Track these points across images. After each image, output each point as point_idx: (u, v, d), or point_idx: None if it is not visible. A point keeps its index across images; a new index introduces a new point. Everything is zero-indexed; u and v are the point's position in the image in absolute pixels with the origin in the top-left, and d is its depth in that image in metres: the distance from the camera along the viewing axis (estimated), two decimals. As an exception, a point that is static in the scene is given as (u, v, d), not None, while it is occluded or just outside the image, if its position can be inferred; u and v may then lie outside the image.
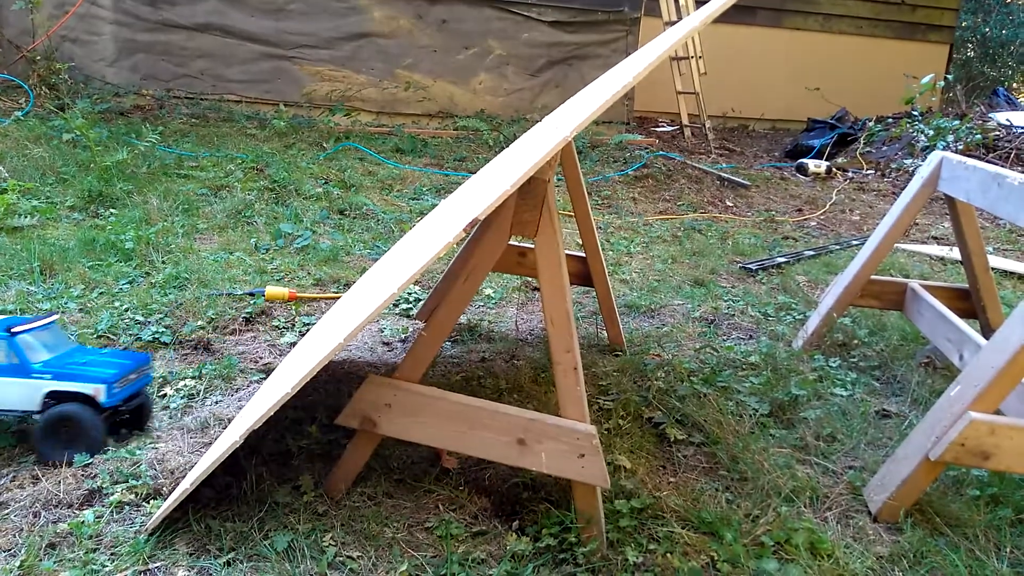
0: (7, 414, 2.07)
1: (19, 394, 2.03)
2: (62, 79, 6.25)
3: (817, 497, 2.12)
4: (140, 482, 1.93)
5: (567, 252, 2.63)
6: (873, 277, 3.05)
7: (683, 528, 1.93)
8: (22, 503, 1.84)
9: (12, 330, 2.03)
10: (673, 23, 7.63)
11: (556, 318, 1.82)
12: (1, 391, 2.02)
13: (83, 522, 1.78)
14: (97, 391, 2.02)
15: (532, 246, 2.92)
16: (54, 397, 2.03)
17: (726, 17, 1.78)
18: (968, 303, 3.03)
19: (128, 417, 2.16)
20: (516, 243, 2.91)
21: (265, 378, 2.55)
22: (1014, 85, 13.41)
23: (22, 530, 1.75)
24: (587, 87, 3.28)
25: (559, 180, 3.52)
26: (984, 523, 2.01)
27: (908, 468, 2.04)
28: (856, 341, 3.18)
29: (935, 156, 2.86)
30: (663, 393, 2.59)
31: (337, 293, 3.34)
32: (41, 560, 1.67)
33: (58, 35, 6.51)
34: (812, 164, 7.16)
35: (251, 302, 3.11)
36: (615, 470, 2.13)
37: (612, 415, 2.44)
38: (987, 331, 2.94)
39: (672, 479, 2.19)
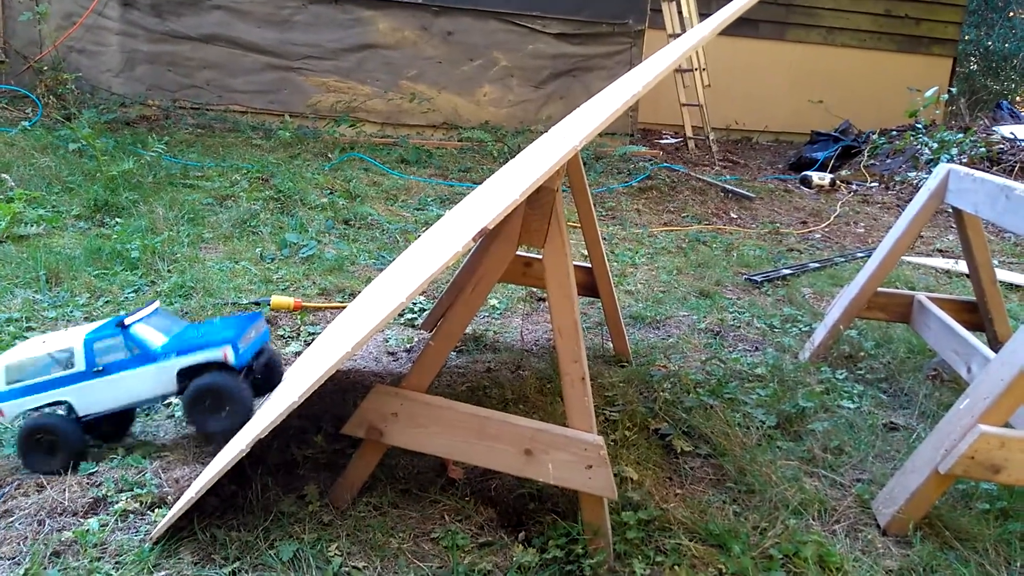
0: (149, 403, 2.05)
1: (152, 381, 2.00)
2: (69, 89, 6.28)
3: (825, 510, 2.10)
4: (145, 490, 1.92)
5: (574, 263, 2.62)
6: (879, 289, 3.04)
7: (691, 540, 1.91)
8: (27, 511, 1.83)
9: (124, 323, 2.01)
10: (677, 35, 7.66)
11: (564, 328, 1.81)
12: (134, 383, 2.00)
13: (88, 530, 1.77)
14: (225, 353, 1.99)
15: (538, 256, 2.93)
16: (186, 375, 2.00)
17: (729, 30, 1.79)
18: (975, 316, 3.02)
19: (261, 378, 2.15)
20: (522, 253, 2.91)
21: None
22: (1017, 99, 13.43)
23: (27, 538, 1.74)
24: (592, 98, 3.29)
25: (564, 191, 3.52)
26: (994, 537, 1.99)
27: (917, 481, 2.02)
28: (863, 353, 3.17)
29: (942, 168, 2.86)
30: (669, 404, 2.58)
31: (342, 303, 3.33)
32: (45, 568, 1.66)
33: (65, 46, 6.55)
34: (816, 176, 7.17)
35: (256, 311, 3.11)
36: (622, 481, 2.11)
37: (618, 426, 2.43)
38: (994, 344, 2.93)
39: (679, 491, 2.18)
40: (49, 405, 2.02)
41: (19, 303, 2.95)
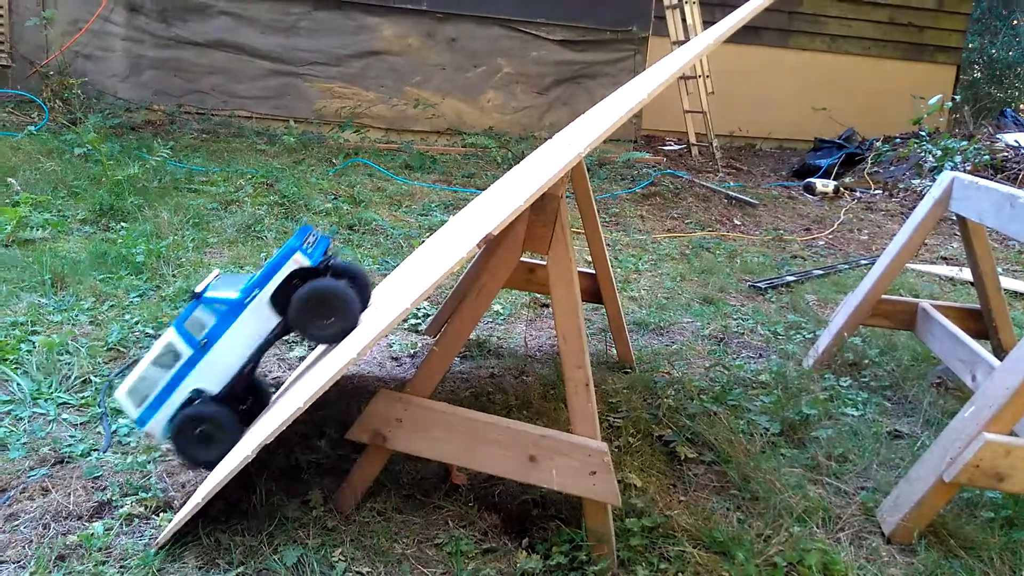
0: (265, 349, 2.03)
1: (254, 324, 1.98)
2: (75, 94, 6.31)
3: (830, 518, 2.10)
4: (150, 494, 1.93)
5: (578, 269, 2.63)
6: (884, 297, 3.04)
7: (695, 548, 1.91)
8: (32, 514, 1.83)
9: (197, 293, 2.00)
10: (681, 43, 7.68)
11: (568, 334, 1.81)
12: (241, 335, 1.98)
13: (93, 534, 1.77)
14: (297, 260, 1.98)
15: (542, 262, 2.93)
16: (277, 301, 1.98)
17: (733, 37, 1.80)
18: (980, 323, 3.02)
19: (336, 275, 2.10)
20: (526, 259, 2.92)
21: (275, 392, 2.55)
22: (1021, 107, 13.42)
23: (31, 542, 1.75)
24: (596, 105, 3.30)
25: (568, 196, 3.53)
26: (999, 546, 1.99)
27: (922, 489, 2.02)
28: (867, 361, 3.17)
29: (946, 176, 2.86)
30: (673, 411, 2.58)
31: (346, 308, 3.33)
32: (50, 572, 1.66)
33: (71, 51, 6.58)
34: (820, 183, 7.17)
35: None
36: (625, 488, 2.11)
37: (622, 433, 2.43)
38: (999, 352, 2.93)
39: (683, 498, 2.17)
40: (184, 404, 2.00)
41: (24, 307, 2.96)
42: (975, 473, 1.94)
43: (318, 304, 1.95)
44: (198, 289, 2.00)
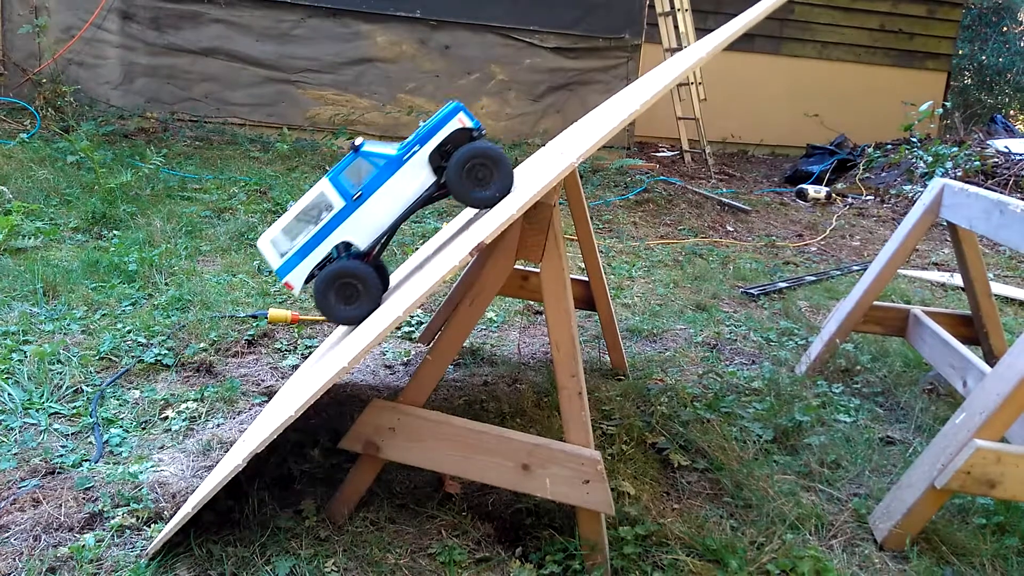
0: (414, 209, 1.99)
1: (410, 180, 1.95)
2: (67, 102, 6.30)
3: (822, 525, 2.10)
4: (141, 505, 1.92)
5: (571, 276, 2.63)
6: (875, 303, 3.05)
7: (688, 555, 1.91)
8: (22, 526, 1.82)
9: (355, 146, 1.97)
10: (674, 50, 7.71)
11: (561, 343, 1.82)
12: (396, 191, 1.95)
13: (84, 546, 1.76)
14: (461, 120, 1.95)
15: (536, 270, 2.94)
16: (436, 158, 1.96)
17: (725, 47, 1.81)
18: (970, 329, 3.03)
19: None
20: (519, 267, 2.92)
21: (267, 401, 2.54)
22: (1011, 112, 13.51)
23: (22, 554, 1.73)
24: (590, 113, 3.31)
25: (561, 203, 3.54)
26: (991, 552, 2.00)
27: (914, 496, 2.03)
28: (859, 367, 3.18)
29: (937, 183, 2.88)
30: (666, 418, 2.58)
31: (339, 316, 3.33)
32: (41, 585, 1.65)
33: (64, 58, 6.57)
34: (812, 190, 7.20)
35: (253, 324, 3.11)
36: (619, 496, 2.11)
37: (615, 440, 2.43)
38: (990, 358, 2.94)
39: (676, 505, 2.18)
40: (325, 260, 1.97)
41: (16, 316, 2.95)
42: (966, 480, 1.95)
43: (477, 166, 1.92)
44: (357, 143, 1.96)
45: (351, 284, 1.96)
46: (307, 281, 2.02)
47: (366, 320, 1.95)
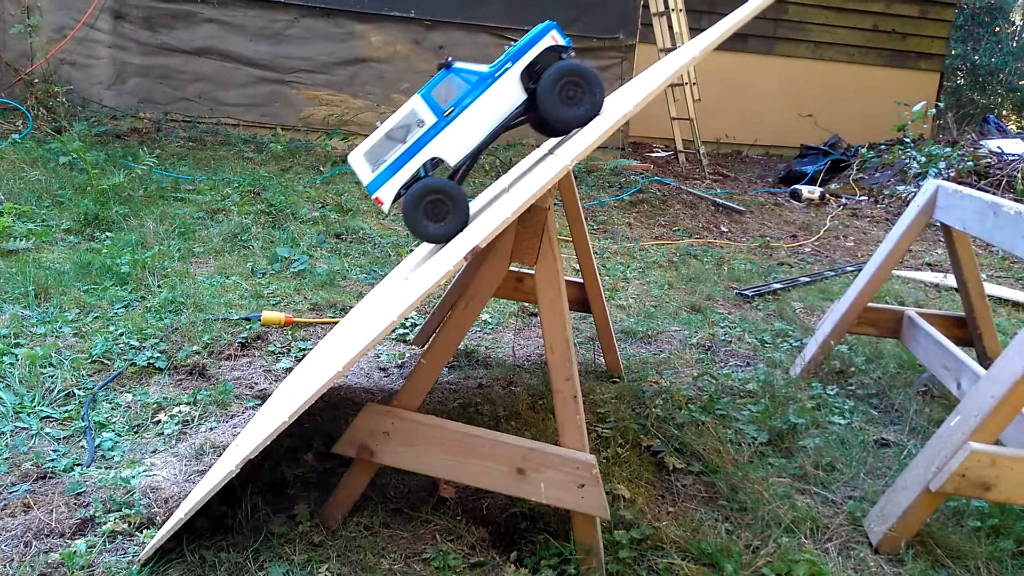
0: (504, 127, 1.99)
1: (502, 97, 1.95)
2: (60, 102, 6.26)
3: (817, 528, 2.10)
4: (133, 511, 1.90)
5: (565, 278, 2.63)
6: (870, 304, 3.05)
7: (683, 559, 1.91)
8: (13, 532, 1.81)
9: (447, 63, 1.97)
10: (668, 50, 7.71)
11: (556, 346, 1.81)
12: (487, 107, 1.95)
13: (75, 552, 1.75)
14: (554, 37, 1.95)
15: (530, 272, 2.93)
16: (527, 77, 1.95)
17: (719, 44, 1.80)
18: (964, 331, 3.03)
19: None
20: (514, 268, 2.91)
21: (260, 404, 2.53)
22: (1004, 113, 13.56)
23: (12, 560, 1.72)
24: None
25: (556, 204, 3.53)
26: (986, 555, 2.00)
27: (908, 499, 2.03)
28: (853, 369, 3.18)
29: (931, 184, 2.88)
30: (661, 421, 2.58)
31: (334, 318, 3.32)
32: (32, 592, 1.64)
33: (56, 58, 6.54)
34: (806, 190, 7.21)
35: (247, 327, 3.09)
36: (614, 499, 2.11)
37: (610, 443, 2.42)
38: (983, 359, 2.95)
39: (671, 509, 2.17)
40: (413, 178, 1.97)
41: (7, 319, 2.93)
42: (961, 482, 1.95)
43: (569, 84, 1.92)
44: (449, 60, 1.97)
45: (441, 201, 1.97)
46: (394, 200, 2.02)
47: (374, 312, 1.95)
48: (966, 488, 1.96)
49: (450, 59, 1.99)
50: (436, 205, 1.98)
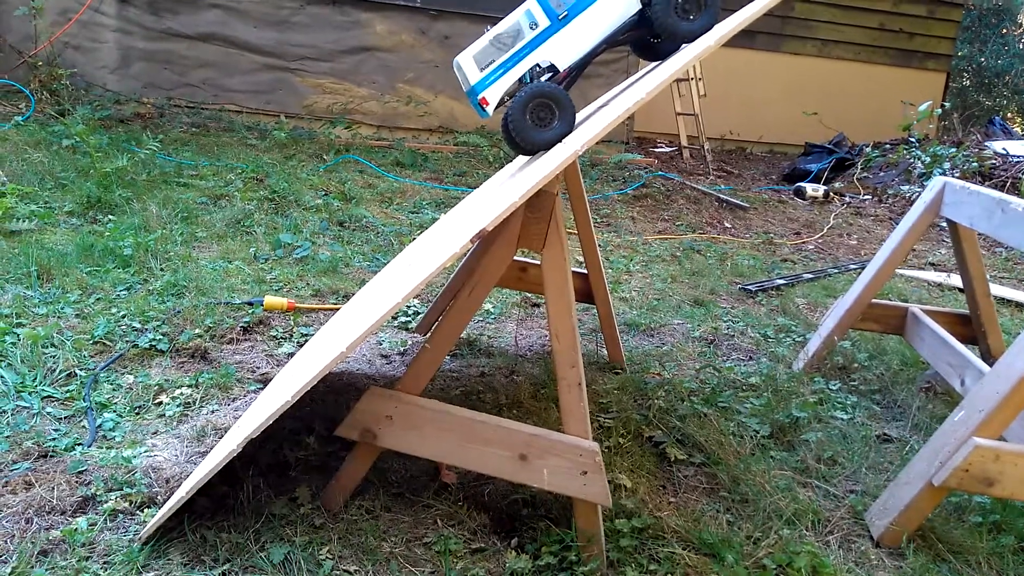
0: (618, 35, 1.96)
1: (619, 4, 1.93)
2: (63, 85, 6.24)
3: (819, 520, 2.10)
4: (135, 490, 1.90)
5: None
6: (874, 301, 3.05)
7: (684, 549, 1.90)
8: (14, 509, 1.80)
9: None
10: (674, 45, 7.68)
11: (561, 333, 1.80)
12: (601, 13, 1.93)
13: (76, 529, 1.74)
14: None
15: (534, 261, 2.92)
16: None
17: (726, 41, 1.79)
18: (968, 329, 3.03)
19: None
20: (517, 258, 2.90)
21: (262, 388, 2.53)
22: (1009, 115, 13.54)
23: (14, 536, 1.72)
24: (590, 105, 3.29)
25: (562, 196, 3.52)
26: (987, 550, 2.00)
27: (911, 493, 2.02)
28: (856, 364, 3.17)
29: (938, 181, 2.87)
30: (663, 412, 2.57)
31: (336, 304, 3.32)
32: (33, 567, 1.63)
33: (60, 41, 6.51)
34: (810, 188, 7.20)
35: (249, 311, 3.09)
36: (615, 489, 2.10)
37: (612, 433, 2.42)
38: (987, 357, 2.94)
39: (673, 499, 2.17)
40: (520, 83, 1.94)
41: (10, 299, 2.92)
42: (964, 477, 1.95)
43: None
44: None
45: (547, 105, 1.94)
46: (499, 105, 1.99)
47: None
48: (969, 483, 1.96)
49: None
50: (542, 109, 1.94)
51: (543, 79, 1.99)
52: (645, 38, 2.05)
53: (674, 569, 1.83)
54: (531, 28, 1.93)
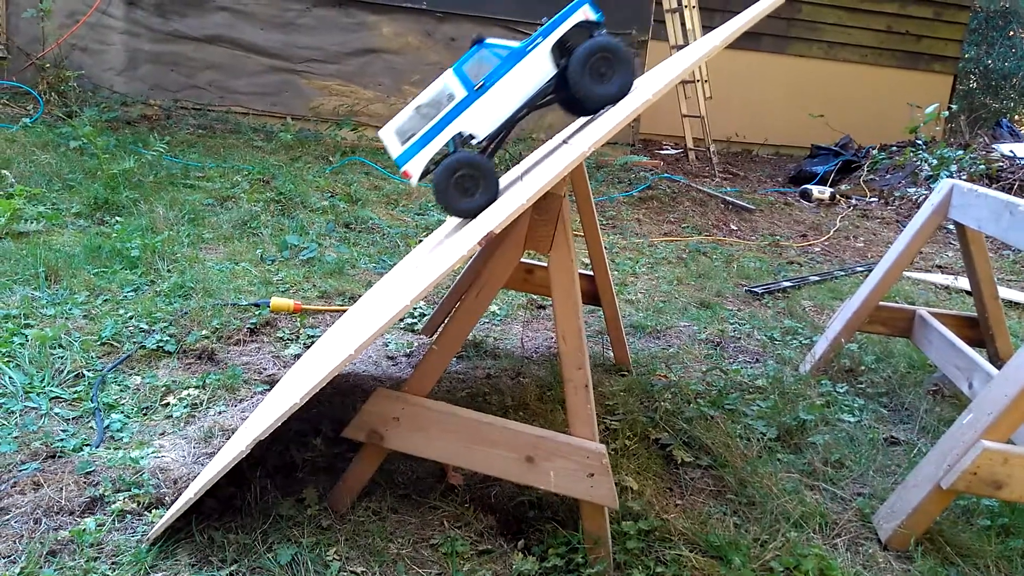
0: (534, 101, 1.99)
1: (532, 71, 1.95)
2: (71, 87, 6.27)
3: (826, 523, 2.09)
4: (142, 491, 1.90)
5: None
6: (881, 303, 3.04)
7: (691, 551, 1.90)
8: (23, 509, 1.81)
9: (480, 38, 1.98)
10: (680, 47, 7.68)
11: (568, 335, 1.80)
12: (517, 81, 1.95)
13: (84, 530, 1.75)
14: (586, 12, 1.96)
15: (540, 263, 2.92)
16: (558, 53, 1.96)
17: (731, 43, 1.79)
18: (976, 331, 3.02)
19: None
20: (523, 260, 2.90)
21: (269, 389, 2.53)
22: (1016, 117, 13.49)
23: (22, 536, 1.72)
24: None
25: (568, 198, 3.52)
26: (995, 554, 1.99)
27: (919, 496, 2.02)
28: (863, 367, 3.17)
29: (946, 183, 2.86)
30: (670, 414, 2.57)
31: (343, 306, 3.32)
32: (41, 568, 1.64)
33: (68, 43, 6.54)
34: (816, 190, 7.18)
35: (256, 313, 3.09)
36: (622, 491, 2.10)
37: (619, 435, 2.42)
38: (995, 360, 2.93)
39: (679, 502, 2.17)
40: (444, 154, 1.97)
41: (18, 300, 2.93)
42: (972, 480, 1.94)
43: (599, 60, 1.93)
44: (479, 37, 1.99)
45: (470, 176, 1.97)
46: (423, 176, 2.03)
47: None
48: (977, 486, 1.95)
49: (481, 35, 1.99)
50: (466, 179, 1.97)
51: (468, 146, 2.01)
52: (570, 97, 2.06)
53: (681, 571, 1.83)
54: (449, 100, 1.96)
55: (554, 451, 1.79)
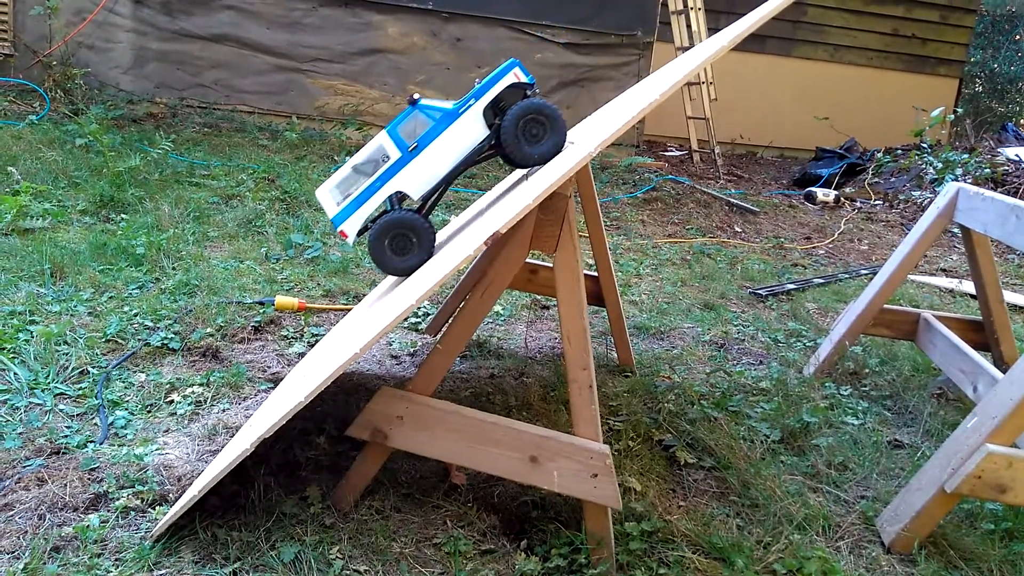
0: (468, 161, 2.02)
1: (466, 132, 1.99)
2: (77, 85, 6.29)
3: (829, 526, 2.09)
4: (146, 487, 1.91)
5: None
6: (885, 306, 3.04)
7: (694, 553, 1.90)
8: (27, 505, 1.82)
9: (414, 100, 2.01)
10: (685, 49, 7.68)
11: (573, 335, 1.80)
12: (451, 142, 1.99)
13: (88, 526, 1.75)
14: (516, 75, 2.00)
15: (544, 263, 2.92)
16: (491, 113, 1.99)
17: (737, 44, 1.79)
18: (981, 335, 3.01)
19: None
20: (528, 260, 2.90)
21: (273, 387, 2.54)
22: (1022, 121, 13.45)
23: (26, 532, 1.73)
24: (600, 109, 3.29)
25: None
26: (999, 558, 1.98)
27: (923, 499, 2.01)
28: (867, 370, 3.16)
29: (951, 187, 2.86)
30: (673, 416, 2.57)
31: (347, 305, 3.32)
32: (45, 564, 1.64)
33: (75, 41, 6.56)
34: (821, 193, 7.17)
35: (260, 311, 3.10)
36: (625, 492, 2.10)
37: (622, 436, 2.41)
38: (1000, 364, 2.92)
39: (682, 503, 2.16)
40: (380, 213, 2.01)
41: (23, 296, 2.94)
42: (977, 484, 1.94)
43: (531, 122, 1.97)
44: (414, 98, 2.01)
45: (404, 235, 2.01)
46: (360, 233, 2.07)
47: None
48: (981, 490, 1.95)
49: (416, 96, 2.02)
50: (400, 240, 2.02)
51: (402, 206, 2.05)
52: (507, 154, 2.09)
53: (684, 573, 1.83)
54: (384, 160, 2.00)
55: (558, 451, 1.79)
